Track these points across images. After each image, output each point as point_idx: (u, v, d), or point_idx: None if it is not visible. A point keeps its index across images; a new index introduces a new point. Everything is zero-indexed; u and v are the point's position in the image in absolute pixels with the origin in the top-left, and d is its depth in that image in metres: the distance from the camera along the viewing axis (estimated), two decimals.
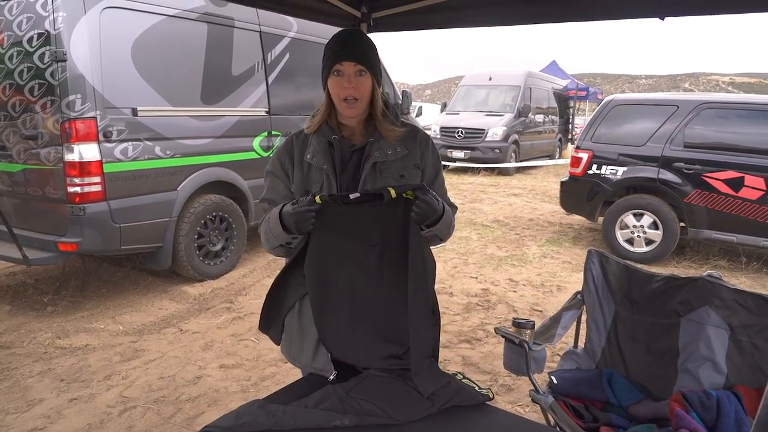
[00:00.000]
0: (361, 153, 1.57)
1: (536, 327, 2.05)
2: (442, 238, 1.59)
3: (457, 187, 10.49)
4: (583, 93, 19.11)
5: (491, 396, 1.56)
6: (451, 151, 12.57)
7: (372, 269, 1.54)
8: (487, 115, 13.08)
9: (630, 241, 5.83)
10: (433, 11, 2.79)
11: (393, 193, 1.46)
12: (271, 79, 5.28)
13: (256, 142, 5.17)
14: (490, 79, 13.97)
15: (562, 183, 6.48)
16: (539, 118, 14.39)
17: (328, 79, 1.53)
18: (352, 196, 1.48)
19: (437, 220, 1.49)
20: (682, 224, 5.61)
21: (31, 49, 3.87)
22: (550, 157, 14.94)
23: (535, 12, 2.69)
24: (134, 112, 4.11)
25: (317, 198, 1.44)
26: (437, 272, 1.66)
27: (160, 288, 4.68)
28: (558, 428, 1.88)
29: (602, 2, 2.59)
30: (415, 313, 1.53)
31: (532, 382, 1.97)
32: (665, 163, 5.57)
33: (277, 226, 1.48)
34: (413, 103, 10.00)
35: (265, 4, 3.02)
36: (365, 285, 1.55)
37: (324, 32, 5.28)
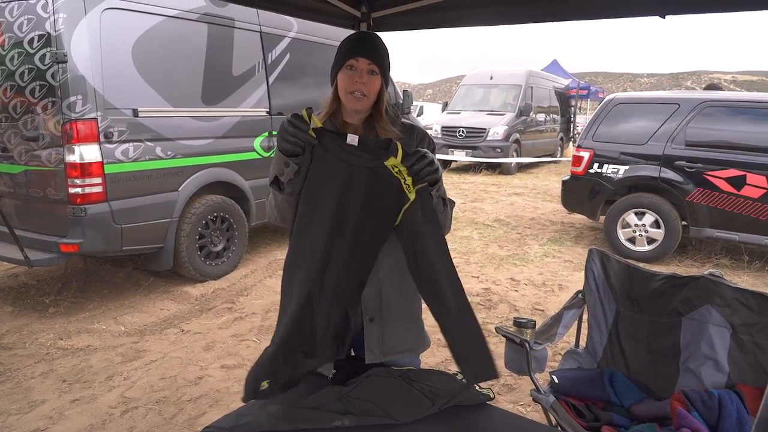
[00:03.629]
0: None
1: (537, 326, 2.05)
2: (444, 199, 1.55)
3: (458, 187, 10.49)
4: (585, 92, 19.09)
5: (492, 396, 1.55)
6: (453, 151, 12.56)
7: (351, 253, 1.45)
8: (489, 114, 13.06)
9: (632, 240, 5.82)
10: (433, 10, 2.78)
11: (400, 150, 1.40)
12: (271, 79, 5.28)
13: (257, 142, 5.17)
14: (491, 78, 13.96)
15: (564, 182, 6.47)
16: (541, 117, 14.37)
17: (339, 73, 1.53)
18: (349, 138, 1.41)
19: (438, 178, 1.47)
20: (683, 223, 5.60)
21: (32, 51, 3.88)
22: (552, 156, 14.93)
23: (536, 11, 2.69)
24: (135, 113, 4.11)
25: (306, 114, 1.40)
26: None
27: (162, 289, 4.68)
28: (559, 428, 1.88)
29: (603, 1, 2.58)
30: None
31: (534, 382, 1.96)
32: (667, 161, 5.56)
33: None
34: (414, 103, 9.99)
35: (265, 4, 3.02)
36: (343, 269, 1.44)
37: (325, 32, 5.36)
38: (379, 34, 2.81)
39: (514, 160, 12.44)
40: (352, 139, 1.40)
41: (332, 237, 1.41)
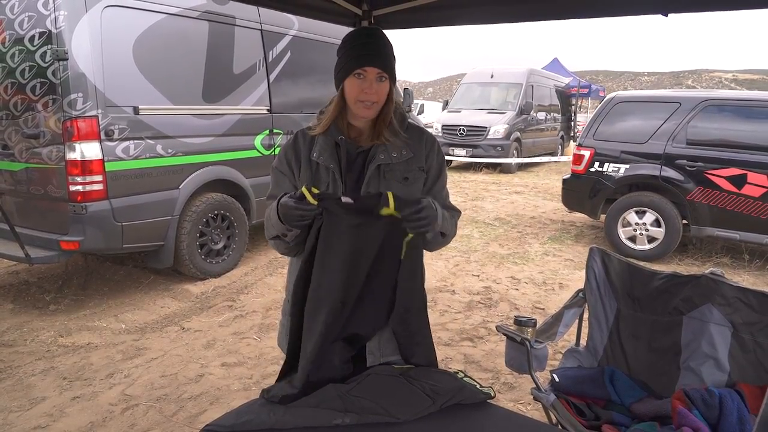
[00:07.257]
0: (367, 154, 1.57)
1: (538, 325, 2.05)
2: (445, 233, 1.62)
3: (458, 185, 10.48)
4: (585, 90, 19.05)
5: (493, 394, 1.55)
6: (453, 149, 12.55)
7: (363, 299, 1.54)
8: (489, 112, 13.05)
9: (632, 239, 5.82)
10: (435, 9, 2.78)
11: (391, 200, 1.45)
12: (272, 77, 5.28)
13: (258, 140, 5.17)
14: (492, 76, 13.93)
15: (564, 181, 6.47)
16: (541, 115, 14.36)
17: (347, 80, 1.50)
18: (344, 199, 1.47)
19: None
20: (684, 222, 5.60)
21: (33, 48, 3.87)
22: (552, 154, 14.91)
23: (538, 9, 2.68)
24: (136, 110, 4.10)
25: (306, 192, 1.45)
26: (439, 270, 1.67)
27: (162, 286, 4.69)
28: (560, 426, 1.88)
29: None
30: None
31: (534, 380, 1.97)
32: (668, 160, 5.55)
33: (275, 215, 1.50)
34: (415, 101, 9.98)
35: (266, 2, 3.02)
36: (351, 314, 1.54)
37: (325, 30, 5.35)
38: None
39: (513, 160, 12.42)
40: (347, 199, 1.49)
41: (349, 283, 1.51)
